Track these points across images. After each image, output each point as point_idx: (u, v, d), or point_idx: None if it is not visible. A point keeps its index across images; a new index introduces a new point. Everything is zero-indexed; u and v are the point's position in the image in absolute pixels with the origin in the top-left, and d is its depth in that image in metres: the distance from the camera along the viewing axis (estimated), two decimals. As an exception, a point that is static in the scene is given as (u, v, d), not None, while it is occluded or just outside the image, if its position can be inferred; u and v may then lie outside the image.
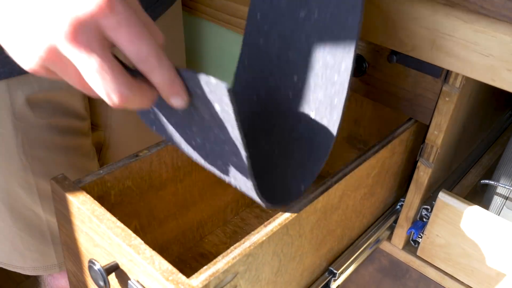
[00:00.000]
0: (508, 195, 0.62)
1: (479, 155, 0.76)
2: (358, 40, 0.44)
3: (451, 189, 0.67)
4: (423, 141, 0.60)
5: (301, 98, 0.49)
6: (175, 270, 0.36)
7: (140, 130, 0.78)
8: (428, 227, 0.62)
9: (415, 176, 0.62)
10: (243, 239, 0.41)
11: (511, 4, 0.46)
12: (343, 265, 0.58)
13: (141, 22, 0.33)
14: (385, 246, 0.69)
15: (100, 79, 0.32)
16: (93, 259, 0.41)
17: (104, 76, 0.32)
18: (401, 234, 0.67)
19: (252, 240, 0.41)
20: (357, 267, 0.62)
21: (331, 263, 0.58)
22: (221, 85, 0.33)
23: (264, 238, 0.41)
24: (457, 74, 0.55)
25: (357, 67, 0.63)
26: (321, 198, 0.47)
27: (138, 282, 0.38)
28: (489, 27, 0.49)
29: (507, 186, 0.61)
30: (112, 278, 0.41)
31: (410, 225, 0.65)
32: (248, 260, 0.41)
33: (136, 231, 0.54)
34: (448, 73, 0.55)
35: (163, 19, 0.71)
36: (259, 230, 0.42)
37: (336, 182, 0.49)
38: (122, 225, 0.40)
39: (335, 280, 0.58)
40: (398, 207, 0.69)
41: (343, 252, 0.60)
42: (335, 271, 0.57)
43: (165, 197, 0.56)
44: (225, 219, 0.68)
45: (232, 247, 0.40)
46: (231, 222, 0.69)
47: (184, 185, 0.58)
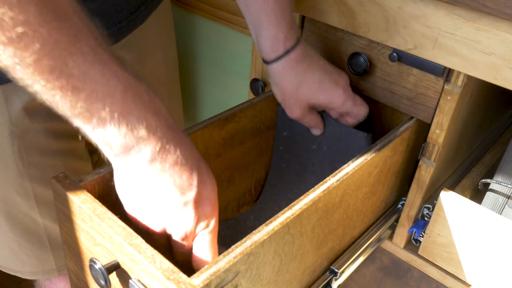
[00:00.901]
0: (510, 194, 0.62)
1: (480, 154, 0.75)
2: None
3: (452, 188, 0.67)
4: (425, 140, 0.60)
5: None
6: (176, 269, 0.36)
7: None
8: (430, 226, 0.62)
9: (416, 175, 0.62)
10: (244, 238, 0.41)
11: (513, 2, 0.46)
12: (344, 264, 0.58)
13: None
14: (386, 245, 0.69)
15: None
16: (94, 258, 0.41)
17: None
18: (402, 233, 0.67)
19: (253, 239, 0.41)
20: (359, 266, 0.61)
21: (332, 262, 0.58)
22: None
23: (265, 237, 0.41)
24: (459, 73, 0.54)
25: (358, 65, 0.63)
26: (322, 197, 0.47)
27: (139, 281, 0.38)
28: (491, 25, 0.48)
29: (508, 185, 0.61)
30: (113, 277, 0.41)
31: (411, 224, 0.65)
32: (249, 259, 0.40)
33: (137, 230, 0.54)
34: (450, 71, 0.55)
35: (154, 16, 0.70)
36: (260, 229, 0.42)
37: (337, 181, 0.48)
38: (123, 224, 0.40)
39: (336, 279, 0.58)
40: (400, 206, 0.69)
41: (344, 251, 0.60)
42: (336, 270, 0.57)
43: (166, 196, 0.56)
44: (226, 218, 0.68)
45: (233, 246, 0.40)
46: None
47: (185, 184, 0.57)
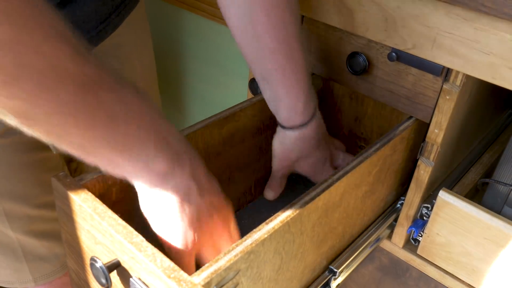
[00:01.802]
0: (509, 193, 0.62)
1: (479, 154, 0.76)
2: None
3: (451, 187, 0.67)
4: (424, 140, 0.60)
5: None
6: (177, 267, 0.36)
7: None
8: (429, 225, 0.62)
9: (415, 174, 0.62)
10: (244, 237, 0.41)
11: (512, 2, 0.46)
12: (343, 264, 0.58)
13: None
14: (385, 244, 0.69)
15: None
16: (94, 256, 0.41)
17: None
18: (401, 232, 0.67)
19: (254, 237, 0.41)
20: (357, 265, 0.61)
21: (331, 261, 0.58)
22: None
23: (266, 236, 0.41)
24: (458, 72, 0.55)
25: (357, 65, 0.63)
26: (322, 196, 0.47)
27: (139, 279, 0.38)
28: (490, 25, 0.49)
29: (507, 185, 0.61)
30: (114, 275, 0.41)
31: (410, 223, 0.65)
32: (250, 258, 0.41)
33: (138, 229, 0.54)
34: (449, 71, 0.56)
35: (128, 23, 0.68)
36: (260, 228, 0.42)
37: (337, 179, 0.49)
38: (123, 222, 0.40)
39: (335, 279, 0.58)
40: (399, 205, 0.69)
41: (344, 250, 0.60)
42: (335, 270, 0.57)
43: (166, 195, 0.56)
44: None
45: (233, 245, 0.40)
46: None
47: (185, 183, 0.58)
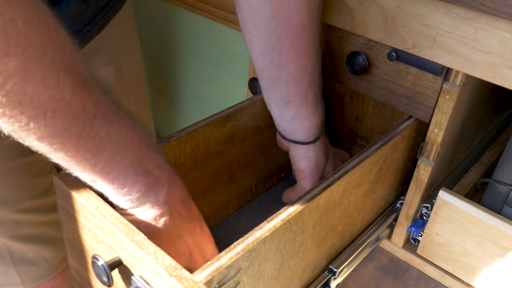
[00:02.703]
0: (508, 193, 0.62)
1: (479, 154, 0.76)
2: None
3: (451, 187, 0.67)
4: (424, 139, 0.60)
5: None
6: (178, 265, 0.36)
7: None
8: (428, 225, 0.62)
9: (415, 174, 0.62)
10: (246, 235, 0.41)
11: (512, 1, 0.47)
12: (343, 264, 0.58)
13: None
14: (385, 244, 0.69)
15: None
16: (96, 255, 0.41)
17: None
18: (401, 232, 0.67)
19: (255, 235, 0.41)
20: (357, 265, 0.62)
21: (332, 260, 0.58)
22: None
23: (267, 234, 0.41)
24: (458, 72, 0.55)
25: (357, 64, 0.63)
26: (323, 194, 0.47)
27: (141, 277, 0.38)
28: (490, 24, 0.49)
29: (507, 184, 0.61)
30: (116, 273, 0.41)
31: (410, 223, 0.65)
32: (251, 256, 0.41)
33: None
34: (449, 70, 0.56)
35: (114, 24, 0.68)
36: (262, 226, 0.42)
37: (338, 178, 0.49)
38: (125, 220, 0.40)
39: (335, 279, 0.58)
40: (398, 205, 0.69)
41: (344, 248, 0.60)
42: (335, 270, 0.57)
43: (166, 194, 0.56)
44: (227, 215, 0.68)
45: (235, 243, 0.40)
46: (232, 220, 0.69)
47: (186, 181, 0.57)
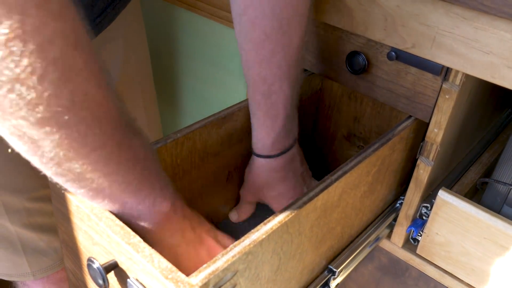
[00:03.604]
0: (508, 193, 0.62)
1: (478, 153, 0.75)
2: None
3: (450, 187, 0.67)
4: (423, 139, 0.60)
5: None
6: (174, 268, 0.36)
7: None
8: (428, 225, 0.62)
9: (414, 174, 0.62)
10: (242, 237, 0.40)
11: (512, 1, 0.46)
12: (342, 264, 0.58)
13: None
14: (384, 244, 0.69)
15: None
16: (92, 257, 0.40)
17: None
18: (400, 232, 0.67)
19: (252, 238, 0.41)
20: (357, 265, 0.61)
21: (330, 261, 0.58)
22: None
23: (264, 236, 0.41)
24: (457, 72, 0.54)
25: (357, 64, 0.63)
26: (321, 196, 0.46)
27: (137, 280, 0.38)
28: (490, 24, 0.48)
29: (507, 184, 0.61)
30: (111, 276, 0.41)
31: (409, 223, 0.65)
32: (248, 258, 0.40)
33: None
34: (448, 70, 0.55)
35: (122, 17, 0.69)
36: (258, 228, 0.42)
37: (336, 180, 0.48)
38: (121, 223, 0.40)
39: (334, 279, 0.58)
40: (398, 205, 0.69)
41: (343, 250, 0.60)
42: (334, 270, 0.57)
43: (164, 195, 0.56)
44: (224, 217, 0.68)
45: (231, 245, 0.39)
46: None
47: (183, 183, 0.58)
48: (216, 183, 0.63)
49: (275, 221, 0.42)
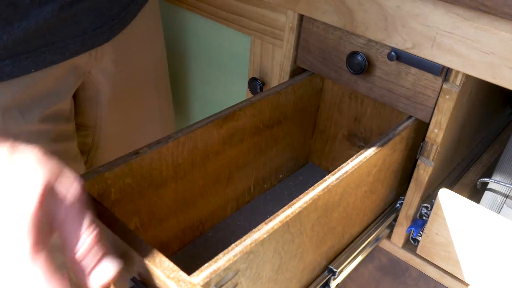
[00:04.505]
0: (508, 193, 0.62)
1: (479, 153, 0.76)
2: None
3: (451, 187, 0.67)
4: (423, 139, 0.60)
5: None
6: (176, 267, 0.36)
7: (129, 130, 0.77)
8: (428, 225, 0.62)
9: (415, 174, 0.62)
10: (244, 237, 0.41)
11: (512, 1, 0.46)
12: (342, 264, 0.58)
13: None
14: (384, 244, 0.69)
15: None
16: (93, 256, 0.40)
17: None
18: (400, 232, 0.67)
19: (253, 237, 0.41)
20: (357, 265, 0.61)
21: (331, 261, 0.58)
22: None
23: (265, 236, 0.41)
24: (458, 72, 0.54)
25: (357, 65, 0.63)
26: (322, 196, 0.47)
27: (138, 279, 0.38)
28: (490, 24, 0.48)
29: (507, 184, 0.61)
30: (112, 275, 0.41)
31: (409, 223, 0.65)
32: (249, 258, 0.40)
33: (136, 229, 0.54)
34: (449, 71, 0.55)
35: (141, 14, 0.70)
36: (260, 228, 0.42)
37: (337, 179, 0.48)
38: (122, 222, 0.40)
39: (334, 279, 0.58)
40: (398, 205, 0.69)
41: (343, 249, 0.60)
42: (334, 270, 0.57)
43: (165, 195, 0.56)
44: (225, 216, 0.68)
45: (233, 245, 0.40)
46: (230, 220, 0.69)
47: (185, 182, 0.58)
48: (217, 183, 0.63)
49: (276, 220, 0.43)
